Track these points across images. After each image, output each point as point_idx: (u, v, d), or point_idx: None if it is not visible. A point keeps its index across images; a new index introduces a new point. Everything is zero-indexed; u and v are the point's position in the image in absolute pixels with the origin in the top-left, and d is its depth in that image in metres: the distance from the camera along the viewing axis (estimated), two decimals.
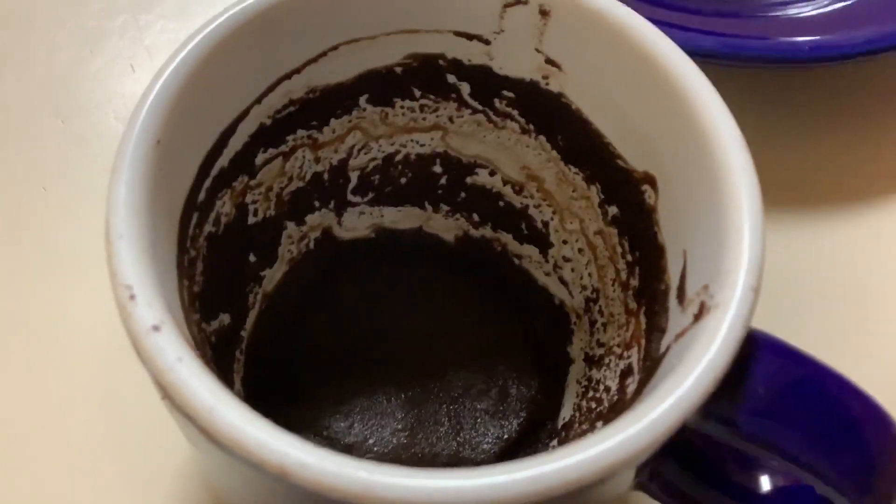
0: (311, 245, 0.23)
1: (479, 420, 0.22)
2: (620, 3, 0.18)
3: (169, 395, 0.13)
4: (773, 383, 0.15)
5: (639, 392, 0.17)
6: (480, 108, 0.21)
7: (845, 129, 0.31)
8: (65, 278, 0.26)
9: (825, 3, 0.31)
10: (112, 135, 0.30)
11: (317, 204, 0.23)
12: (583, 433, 0.20)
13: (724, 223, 0.15)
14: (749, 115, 0.28)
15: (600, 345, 0.21)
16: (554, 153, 0.21)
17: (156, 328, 0.14)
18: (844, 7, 0.30)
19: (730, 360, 0.14)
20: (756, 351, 0.15)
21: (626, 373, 0.19)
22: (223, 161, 0.19)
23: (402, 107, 0.22)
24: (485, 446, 0.22)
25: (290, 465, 0.12)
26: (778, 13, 0.31)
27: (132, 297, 0.14)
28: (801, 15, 0.30)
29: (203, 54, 0.17)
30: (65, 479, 0.23)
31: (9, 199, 0.28)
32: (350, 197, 0.23)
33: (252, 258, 0.22)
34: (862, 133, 0.31)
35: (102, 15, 0.33)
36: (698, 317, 0.15)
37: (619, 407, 0.19)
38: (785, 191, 0.29)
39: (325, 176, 0.22)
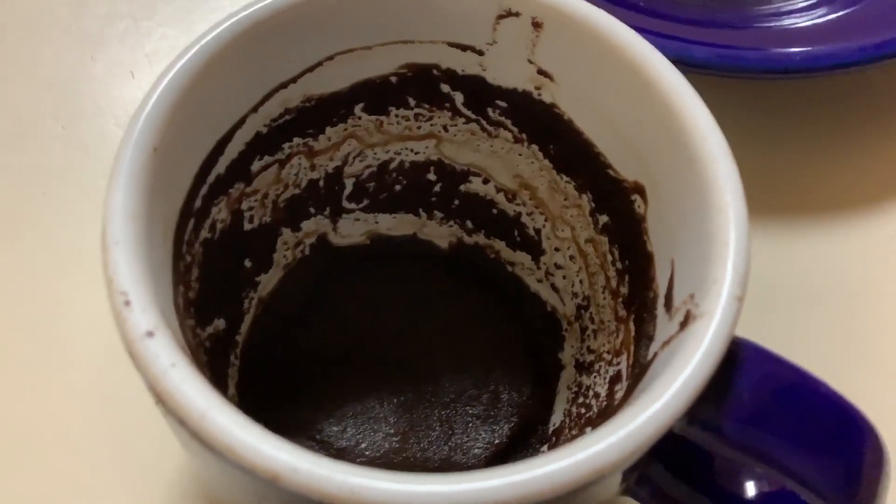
0: (307, 251, 0.24)
1: (470, 425, 0.23)
2: (612, 16, 0.18)
3: (162, 400, 0.14)
4: (757, 391, 0.16)
5: (626, 398, 0.18)
6: (474, 117, 0.22)
7: (835, 138, 0.31)
8: (64, 282, 0.27)
9: (818, 14, 0.31)
10: (112, 140, 0.30)
11: (312, 210, 0.23)
12: (573, 438, 0.20)
13: (710, 233, 0.16)
14: (741, 124, 0.28)
15: (591, 351, 0.22)
16: (546, 162, 0.22)
17: (150, 334, 0.14)
18: (836, 18, 0.30)
19: (714, 367, 0.14)
20: (740, 359, 0.16)
21: (616, 379, 0.19)
22: (219, 168, 0.19)
23: (396, 115, 0.22)
24: (476, 451, 0.22)
25: (281, 469, 0.13)
26: (771, 24, 0.31)
27: (127, 303, 0.14)
28: (795, 26, 0.31)
29: (201, 63, 0.17)
30: (62, 479, 0.23)
31: (9, 203, 0.29)
32: (345, 204, 0.24)
33: (248, 264, 0.22)
34: (852, 143, 0.31)
35: (104, 21, 0.34)
36: (684, 325, 0.15)
37: (608, 413, 0.19)
38: (773, 199, 0.29)
39: (321, 183, 0.23)
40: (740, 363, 0.16)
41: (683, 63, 0.18)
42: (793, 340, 0.19)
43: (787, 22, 0.31)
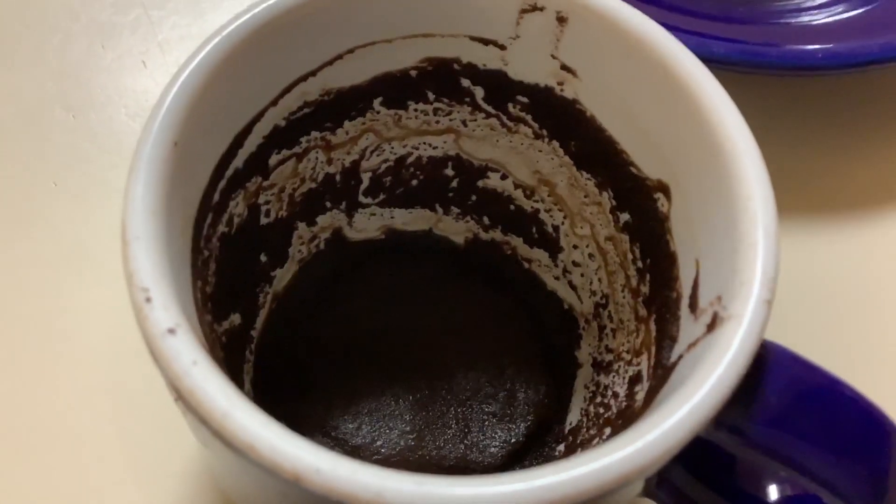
0: (322, 246, 0.24)
1: (486, 423, 0.22)
2: (637, 11, 0.18)
3: (184, 398, 0.13)
4: (785, 394, 0.15)
5: (649, 400, 0.17)
6: (494, 112, 0.21)
7: (857, 136, 0.31)
8: (75, 273, 0.27)
9: (838, 10, 0.31)
10: (123, 130, 0.30)
11: (328, 205, 0.23)
12: (590, 438, 0.20)
13: (738, 234, 0.15)
14: (761, 121, 0.28)
15: (609, 350, 0.21)
16: (566, 158, 0.21)
17: (171, 331, 0.14)
18: (857, 15, 0.30)
19: (743, 372, 0.14)
20: (768, 362, 0.15)
21: (635, 380, 0.19)
22: (238, 162, 0.19)
23: (415, 110, 0.22)
24: (492, 450, 0.22)
25: (303, 470, 0.12)
26: (791, 20, 0.31)
27: (148, 299, 0.14)
28: (815, 22, 0.30)
29: (220, 57, 0.17)
30: (73, 475, 0.23)
31: (19, 193, 0.28)
32: (361, 198, 0.23)
33: (263, 258, 0.22)
34: (874, 140, 0.31)
35: (115, 10, 0.33)
36: (711, 327, 0.15)
37: (627, 414, 0.19)
38: (797, 198, 0.29)
39: (337, 177, 0.22)
40: (767, 366, 0.15)
41: (702, 58, 0.17)
42: (817, 341, 0.19)
43: (806, 18, 0.31)
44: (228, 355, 0.19)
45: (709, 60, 0.25)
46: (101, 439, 0.24)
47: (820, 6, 0.31)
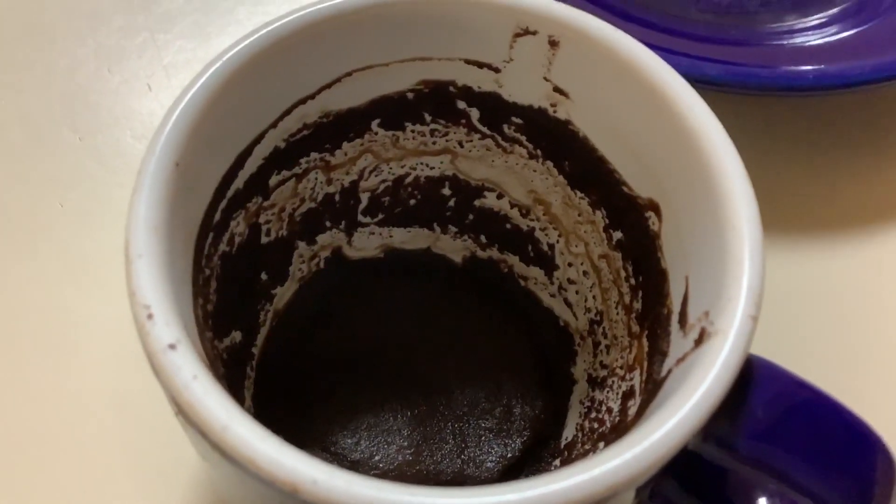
0: (322, 264, 0.24)
1: (483, 438, 0.23)
2: (628, 35, 0.19)
3: (184, 411, 0.14)
4: (771, 408, 0.16)
5: (640, 414, 0.18)
6: (489, 133, 0.22)
7: (848, 156, 0.31)
8: (80, 290, 0.27)
9: (831, 32, 0.31)
10: (129, 152, 0.31)
11: (328, 224, 0.23)
12: (585, 453, 0.21)
13: (725, 251, 0.16)
14: (752, 141, 0.28)
15: (603, 366, 0.22)
16: (560, 178, 0.22)
17: (172, 347, 0.14)
18: (849, 36, 0.31)
19: (729, 385, 0.14)
20: (755, 376, 0.16)
21: (628, 395, 0.19)
22: (238, 183, 0.19)
23: (412, 131, 0.22)
24: (489, 464, 0.22)
25: (300, 481, 0.13)
26: (784, 42, 0.31)
27: (150, 315, 0.14)
28: (807, 44, 0.31)
29: (222, 80, 0.17)
30: (76, 487, 0.23)
31: (26, 213, 0.29)
32: (360, 218, 0.24)
33: (264, 276, 0.22)
34: (864, 160, 0.31)
35: (122, 34, 0.34)
36: (699, 342, 0.16)
37: (620, 428, 0.19)
38: (786, 217, 0.29)
39: (337, 197, 0.23)
40: (754, 380, 0.16)
41: (695, 80, 0.18)
42: (804, 356, 0.19)
43: (800, 40, 0.31)
44: (229, 372, 0.20)
45: (703, 82, 0.25)
46: (104, 452, 0.24)
47: (813, 28, 0.32)
